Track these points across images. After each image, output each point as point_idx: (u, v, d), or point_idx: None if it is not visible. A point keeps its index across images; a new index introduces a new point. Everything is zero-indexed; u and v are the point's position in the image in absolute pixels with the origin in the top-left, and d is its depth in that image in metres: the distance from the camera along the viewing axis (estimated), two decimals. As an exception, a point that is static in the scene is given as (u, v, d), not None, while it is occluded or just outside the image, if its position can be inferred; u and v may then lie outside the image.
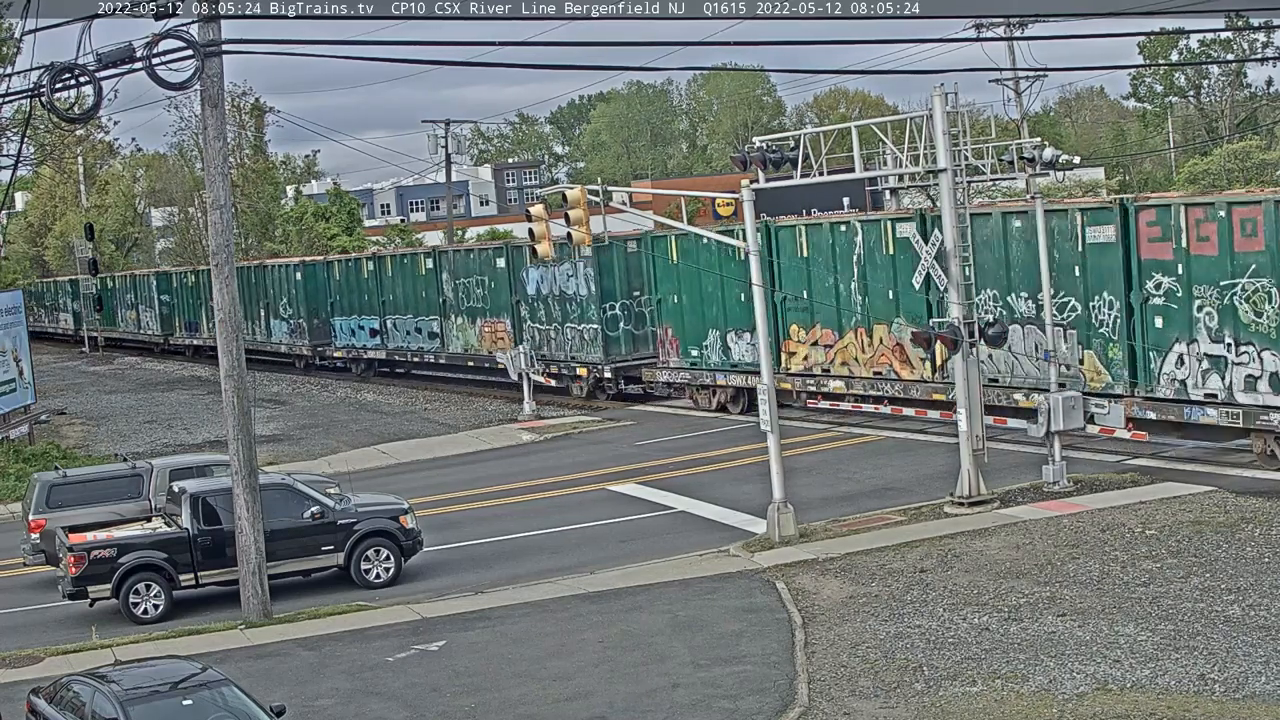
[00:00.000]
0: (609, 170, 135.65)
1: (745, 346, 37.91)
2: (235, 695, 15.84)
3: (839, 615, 20.77)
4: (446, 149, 77.48)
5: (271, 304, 63.78)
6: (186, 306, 73.72)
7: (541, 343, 45.79)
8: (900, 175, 27.96)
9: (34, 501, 27.35)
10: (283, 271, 62.89)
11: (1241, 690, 16.59)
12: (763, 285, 26.35)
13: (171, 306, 75.75)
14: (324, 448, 40.77)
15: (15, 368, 43.40)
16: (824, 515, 26.84)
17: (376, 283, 55.80)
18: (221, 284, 23.60)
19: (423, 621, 22.29)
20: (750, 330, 36.17)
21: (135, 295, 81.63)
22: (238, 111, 79.65)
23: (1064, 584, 21.21)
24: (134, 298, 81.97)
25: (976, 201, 37.19)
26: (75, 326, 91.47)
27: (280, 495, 24.91)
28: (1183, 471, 27.74)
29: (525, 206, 59.33)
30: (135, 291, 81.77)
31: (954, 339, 26.08)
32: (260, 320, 65.16)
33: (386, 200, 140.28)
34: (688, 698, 17.92)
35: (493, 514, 30.54)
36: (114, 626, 23.84)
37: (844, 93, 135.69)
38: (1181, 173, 76.15)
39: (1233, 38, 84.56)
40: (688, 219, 54.27)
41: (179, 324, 74.85)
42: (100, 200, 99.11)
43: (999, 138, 30.62)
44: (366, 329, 56.86)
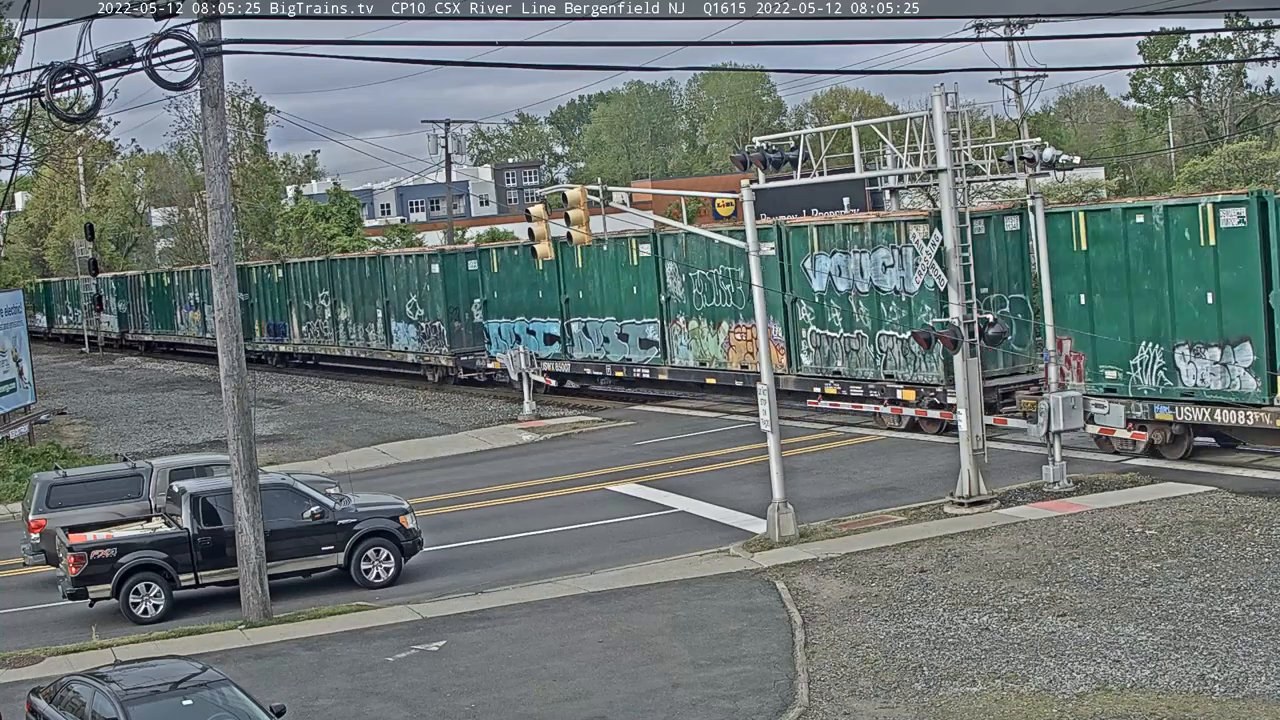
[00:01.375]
0: (609, 170, 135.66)
1: (1209, 367, 27.35)
2: (235, 695, 15.84)
3: (839, 615, 20.77)
4: (446, 149, 77.48)
5: (394, 303, 53.44)
6: (271, 306, 64.18)
7: (831, 355, 35.87)
8: (900, 175, 27.97)
9: (34, 501, 27.33)
10: (411, 263, 52.38)
11: (1241, 690, 16.59)
12: (762, 285, 26.33)
13: (249, 306, 64.24)
14: (324, 448, 40.77)
15: (15, 368, 43.39)
16: (824, 515, 26.84)
17: (557, 276, 45.18)
18: (221, 284, 23.60)
19: (423, 621, 22.29)
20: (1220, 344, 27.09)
21: (201, 293, 69.57)
22: (238, 111, 79.64)
23: (1064, 584, 21.21)
24: (199, 295, 70.13)
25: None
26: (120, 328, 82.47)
27: (280, 495, 24.91)
28: (1183, 471, 27.73)
29: (525, 206, 59.28)
30: (201, 288, 69.50)
31: (954, 339, 26.07)
32: (375, 323, 55.10)
33: (386, 200, 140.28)
34: (688, 698, 17.92)
35: (493, 514, 30.54)
36: (114, 626, 23.83)
37: (844, 93, 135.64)
38: (1181, 173, 76.18)
39: (1233, 38, 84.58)
40: (688, 219, 54.29)
41: (260, 326, 65.08)
42: (100, 200, 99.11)
43: (999, 138, 30.63)
44: (540, 334, 46.39)
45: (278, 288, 63.11)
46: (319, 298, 59.53)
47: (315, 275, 59.84)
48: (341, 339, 58.30)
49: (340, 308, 57.86)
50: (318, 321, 59.82)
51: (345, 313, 57.52)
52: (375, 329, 55.14)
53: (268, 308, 64.60)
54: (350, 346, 57.66)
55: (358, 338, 56.84)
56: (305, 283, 60.59)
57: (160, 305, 77.46)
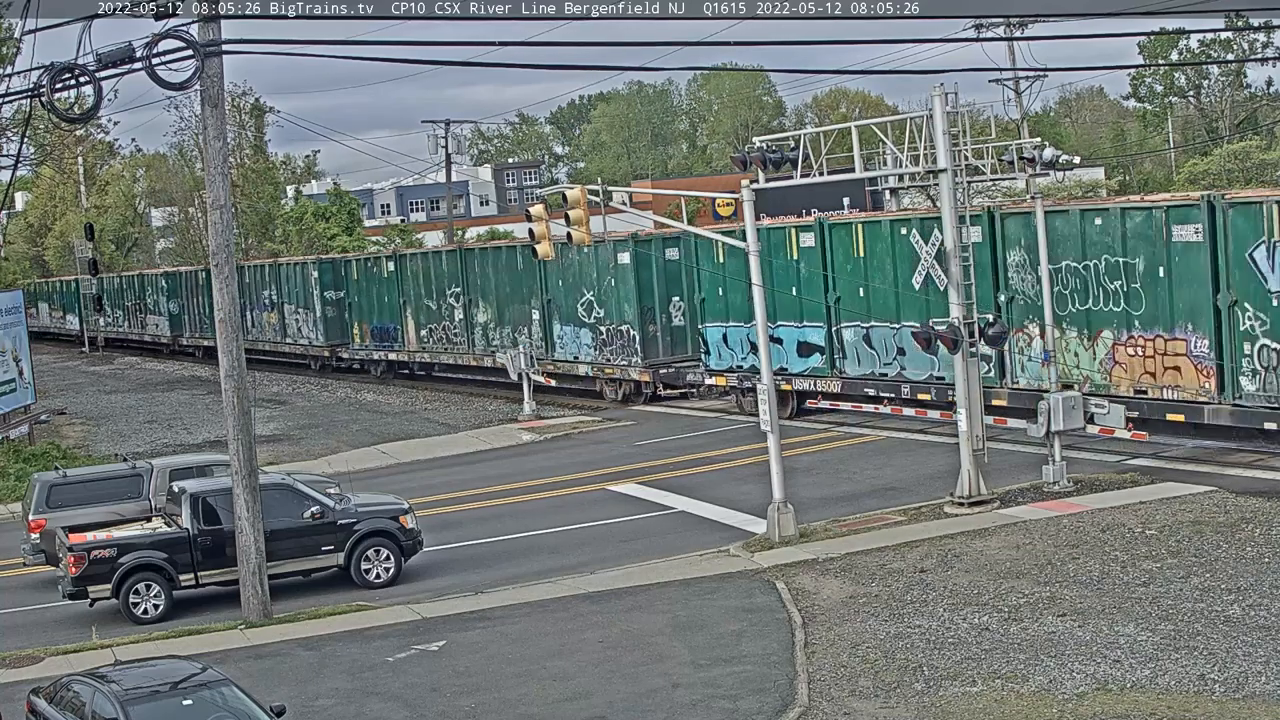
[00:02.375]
0: (609, 170, 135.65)
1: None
2: (235, 695, 15.84)
3: (839, 615, 20.77)
4: (446, 149, 77.47)
5: (558, 302, 44.93)
6: (377, 306, 55.38)
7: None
8: (900, 175, 27.96)
9: (34, 501, 27.34)
10: (587, 254, 42.19)
11: (1241, 690, 16.59)
12: (761, 285, 26.33)
13: (347, 305, 57.51)
14: (324, 448, 40.77)
15: (15, 368, 43.40)
16: (824, 515, 26.84)
17: (822, 266, 35.24)
18: (221, 284, 23.59)
19: (423, 621, 22.29)
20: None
21: (277, 291, 62.47)
22: (238, 111, 79.66)
23: (1064, 584, 21.20)
24: (276, 293, 62.59)
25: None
26: (171, 331, 73.98)
27: (280, 495, 24.91)
28: (1183, 471, 27.73)
29: (525, 206, 59.14)
30: (279, 285, 62.30)
31: (954, 339, 26.07)
32: (529, 326, 46.39)
33: (386, 200, 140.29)
34: (688, 698, 17.91)
35: (493, 514, 30.54)
36: (114, 626, 23.83)
37: (844, 93, 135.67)
38: (1181, 173, 76.18)
39: (1233, 38, 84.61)
40: (688, 219, 54.27)
41: (361, 330, 56.47)
42: (100, 200, 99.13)
43: (999, 138, 30.60)
44: (790, 343, 36.50)
45: (387, 284, 54.35)
46: (447, 296, 50.64)
47: (442, 269, 50.66)
48: (478, 345, 48.99)
49: (477, 308, 49.05)
50: (444, 325, 50.83)
51: (485, 313, 48.66)
52: (529, 333, 46.12)
53: (372, 308, 55.59)
54: (492, 355, 47.56)
55: (503, 344, 47.22)
56: (427, 278, 51.82)
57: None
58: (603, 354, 43.11)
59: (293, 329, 61.74)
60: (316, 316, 59.12)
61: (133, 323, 79.93)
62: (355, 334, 56.93)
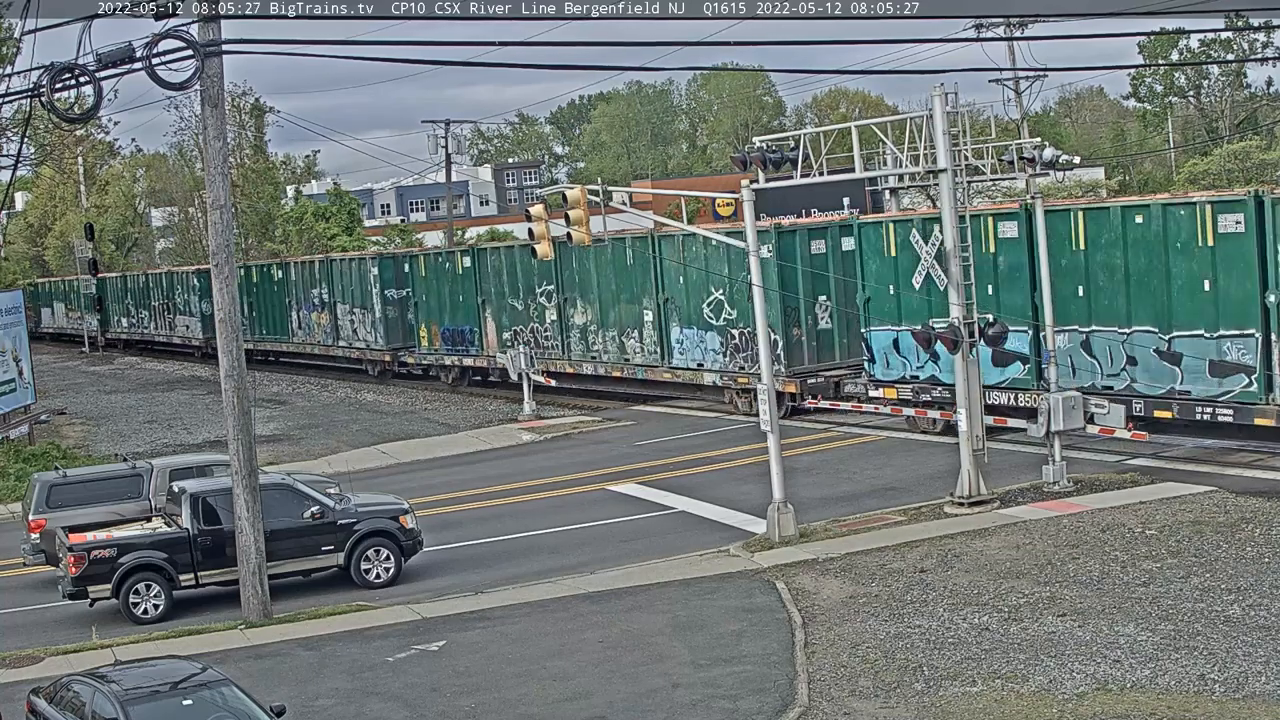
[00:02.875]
0: (609, 170, 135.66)
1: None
2: (235, 695, 15.84)
3: (839, 615, 20.77)
4: (446, 149, 77.50)
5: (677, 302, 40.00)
6: (444, 306, 50.03)
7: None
8: (900, 175, 27.97)
9: (34, 501, 27.34)
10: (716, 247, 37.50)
11: (1241, 690, 16.59)
12: (761, 285, 26.33)
13: (404, 305, 52.97)
14: (324, 448, 40.77)
15: (15, 368, 43.41)
16: (824, 515, 26.84)
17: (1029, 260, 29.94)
18: (221, 284, 23.58)
19: (423, 621, 22.29)
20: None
21: (329, 289, 57.58)
22: (238, 111, 79.70)
23: (1064, 584, 21.20)
24: (328, 292, 57.72)
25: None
26: (204, 333, 67.03)
27: (280, 495, 24.91)
28: (1183, 471, 27.73)
29: (525, 206, 59.02)
30: (331, 283, 57.29)
31: (954, 339, 26.07)
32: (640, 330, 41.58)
33: (386, 200, 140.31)
34: (688, 698, 17.91)
35: (493, 514, 30.54)
36: (114, 626, 23.83)
37: (844, 93, 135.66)
38: (1181, 173, 76.18)
39: (1233, 38, 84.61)
40: (688, 219, 54.26)
41: (430, 333, 51.15)
42: (100, 200, 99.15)
43: (999, 138, 30.63)
44: (985, 351, 29.11)
45: (461, 281, 49.11)
46: (537, 294, 45.69)
47: (530, 265, 45.06)
48: (575, 350, 44.29)
49: (574, 308, 44.25)
50: (532, 327, 45.92)
51: (584, 315, 43.87)
52: (640, 338, 41.71)
53: (443, 308, 50.21)
54: (593, 361, 43.70)
55: (606, 349, 43.14)
56: (511, 274, 47.00)
57: (267, 306, 63.29)
58: (734, 361, 37.96)
59: (347, 331, 56.57)
60: (375, 317, 54.06)
61: (160, 324, 74.79)
62: (422, 337, 51.56)
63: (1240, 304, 26.83)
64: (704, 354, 39.27)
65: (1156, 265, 28.27)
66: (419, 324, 51.74)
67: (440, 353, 50.64)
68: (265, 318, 63.43)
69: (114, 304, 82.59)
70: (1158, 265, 28.24)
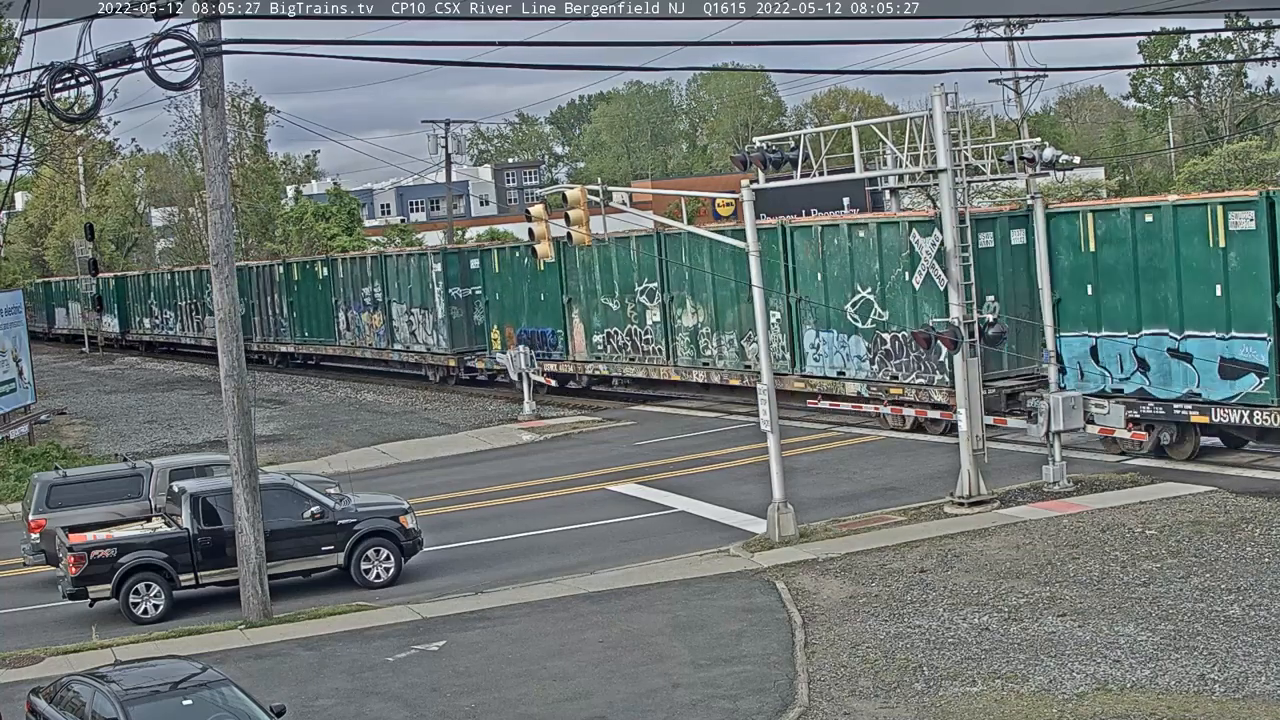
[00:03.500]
0: (609, 170, 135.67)
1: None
2: (235, 695, 15.84)
3: (839, 615, 20.77)
4: (446, 149, 77.48)
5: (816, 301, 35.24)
6: (521, 306, 46.00)
7: None
8: (900, 175, 27.97)
9: (34, 501, 27.34)
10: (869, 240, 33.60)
11: (1241, 690, 16.59)
12: (761, 286, 26.32)
13: (471, 305, 48.96)
14: (324, 448, 40.77)
15: (15, 368, 43.41)
16: (824, 515, 26.84)
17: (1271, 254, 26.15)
18: (221, 284, 23.58)
19: (423, 621, 22.29)
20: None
21: (383, 287, 52.89)
22: (238, 111, 79.63)
23: (1064, 584, 21.20)
24: (381, 291, 53.16)
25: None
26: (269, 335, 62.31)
27: (280, 495, 24.91)
28: (1183, 471, 27.72)
29: (525, 206, 58.90)
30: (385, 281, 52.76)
31: (954, 339, 26.06)
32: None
33: (386, 200, 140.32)
34: (688, 698, 17.91)
35: (493, 514, 30.54)
36: (114, 626, 23.83)
37: (844, 93, 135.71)
38: (1181, 173, 76.19)
39: (1233, 38, 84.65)
40: (688, 219, 54.26)
41: (498, 335, 47.01)
42: (100, 200, 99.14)
43: (999, 138, 30.62)
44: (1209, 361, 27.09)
45: (542, 279, 44.77)
46: (637, 293, 41.47)
47: (629, 260, 41.07)
48: (682, 355, 40.09)
49: (683, 308, 39.91)
50: (630, 329, 41.81)
51: (693, 315, 39.63)
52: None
53: (519, 308, 46.09)
54: (705, 368, 39.41)
55: (721, 354, 38.66)
56: (605, 271, 42.57)
57: (310, 306, 58.48)
58: (885, 369, 33.59)
59: (403, 333, 52.09)
60: (438, 318, 49.54)
61: (188, 325, 69.99)
62: (493, 339, 47.22)
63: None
64: (846, 361, 34.62)
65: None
66: (490, 325, 47.66)
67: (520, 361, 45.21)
68: (308, 319, 59.02)
69: (135, 304, 78.49)
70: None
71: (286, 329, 60.72)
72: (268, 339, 62.28)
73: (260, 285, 62.47)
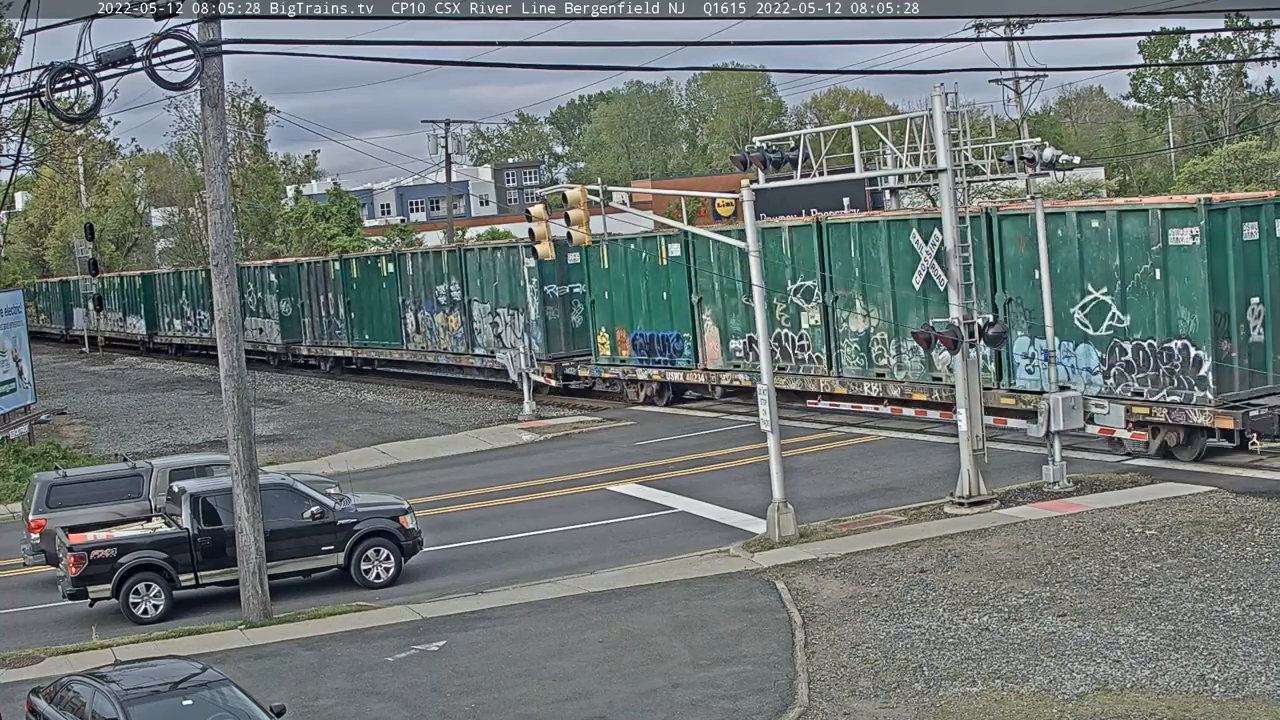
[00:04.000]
0: (609, 170, 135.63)
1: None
2: (235, 695, 15.84)
3: (839, 615, 20.77)
4: (446, 149, 77.48)
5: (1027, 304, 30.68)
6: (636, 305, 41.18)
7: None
8: (900, 175, 27.96)
9: (34, 501, 27.34)
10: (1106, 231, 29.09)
11: (1241, 690, 16.59)
12: (762, 285, 26.32)
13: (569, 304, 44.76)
14: (324, 448, 40.76)
15: (15, 368, 43.41)
16: (824, 515, 26.84)
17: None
18: (221, 284, 23.58)
19: (423, 621, 22.29)
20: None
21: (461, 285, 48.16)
22: (238, 111, 79.59)
23: (1064, 584, 21.20)
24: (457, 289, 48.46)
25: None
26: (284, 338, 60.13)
27: (280, 495, 24.91)
28: (1183, 471, 27.72)
29: (525, 206, 58.82)
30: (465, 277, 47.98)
31: (954, 339, 26.06)
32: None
33: (386, 200, 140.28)
34: (688, 698, 17.91)
35: (493, 514, 30.54)
36: (114, 626, 23.83)
37: (844, 93, 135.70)
38: (1181, 173, 76.17)
39: (1233, 38, 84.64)
40: (688, 219, 54.24)
41: (606, 339, 42.40)
42: (100, 200, 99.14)
43: (999, 138, 30.60)
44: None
45: (664, 275, 40.13)
46: (791, 292, 36.08)
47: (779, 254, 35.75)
48: (849, 365, 34.87)
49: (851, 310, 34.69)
50: (780, 334, 36.22)
51: (864, 319, 34.25)
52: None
53: (635, 308, 41.28)
54: (879, 380, 34.16)
55: (901, 364, 33.68)
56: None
57: (373, 306, 54.13)
58: (1123, 384, 28.91)
59: (486, 336, 47.46)
60: (531, 319, 44.87)
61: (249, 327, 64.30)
62: (600, 343, 42.74)
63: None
64: (1071, 373, 29.83)
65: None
66: (596, 328, 42.91)
67: (630, 364, 41.86)
68: (369, 320, 54.34)
69: (164, 304, 73.56)
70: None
71: (343, 331, 56.41)
72: (319, 342, 58.39)
73: (312, 283, 58.28)
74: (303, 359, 59.76)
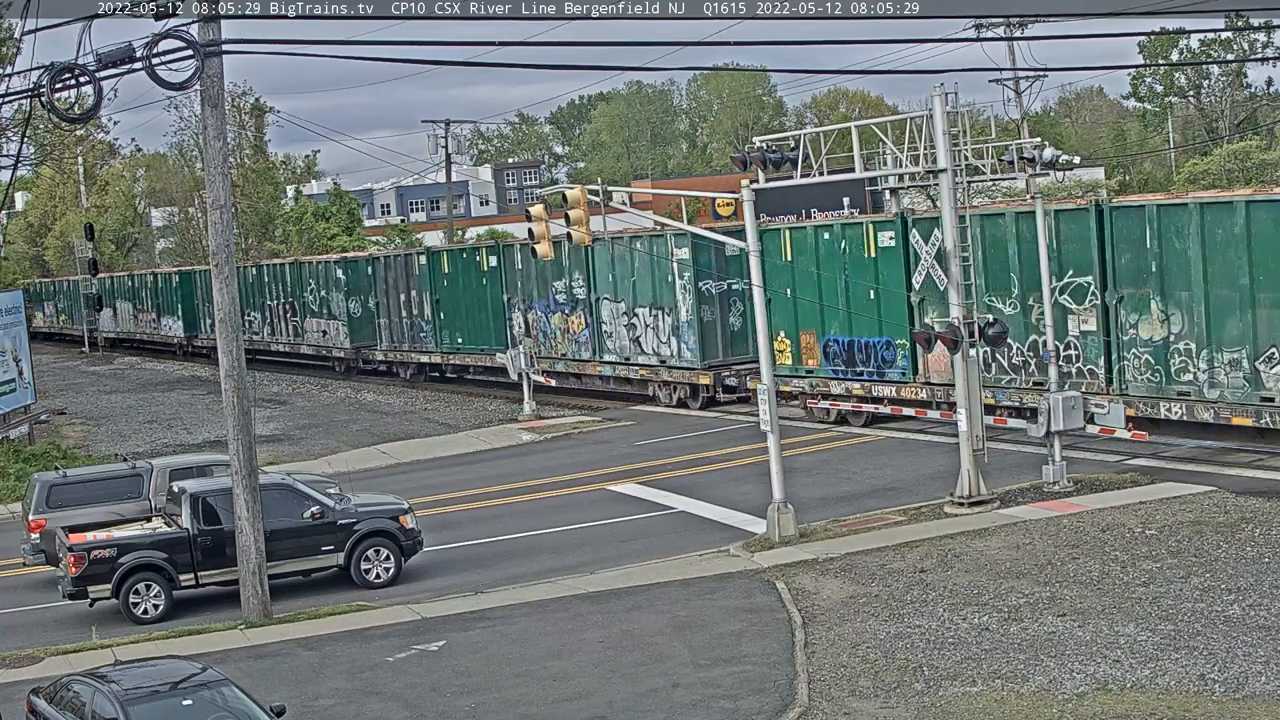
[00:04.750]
0: (609, 170, 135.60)
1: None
2: (235, 695, 15.84)
3: (839, 615, 20.77)
4: (446, 149, 77.48)
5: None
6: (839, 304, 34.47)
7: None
8: (900, 175, 27.97)
9: (34, 501, 27.34)
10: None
11: (1241, 690, 16.59)
12: (762, 285, 26.32)
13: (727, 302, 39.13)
14: (324, 448, 40.76)
15: (15, 368, 43.41)
16: (824, 515, 26.83)
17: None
18: (221, 284, 23.58)
19: (423, 621, 22.29)
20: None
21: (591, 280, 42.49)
22: (238, 111, 79.65)
23: (1064, 584, 21.20)
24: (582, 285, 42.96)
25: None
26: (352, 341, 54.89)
27: (280, 495, 24.91)
28: (1183, 471, 27.73)
29: (525, 206, 58.76)
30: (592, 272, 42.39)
31: (954, 339, 26.06)
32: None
33: (386, 200, 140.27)
34: (688, 698, 17.91)
35: (493, 514, 30.54)
36: (114, 626, 23.83)
37: (844, 93, 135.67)
38: (1181, 173, 76.18)
39: (1233, 38, 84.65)
40: (688, 219, 54.22)
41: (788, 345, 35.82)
42: (100, 200, 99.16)
43: (999, 138, 30.61)
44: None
45: (869, 268, 33.66)
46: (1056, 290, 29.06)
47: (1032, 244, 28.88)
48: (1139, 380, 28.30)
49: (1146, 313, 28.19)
50: (1034, 342, 30.16)
51: (1159, 324, 27.86)
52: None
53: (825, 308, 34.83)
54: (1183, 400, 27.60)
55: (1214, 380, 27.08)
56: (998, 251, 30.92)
57: (467, 305, 48.12)
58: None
59: (620, 340, 41.72)
60: (681, 321, 39.13)
61: (279, 330, 60.05)
62: (777, 350, 35.26)
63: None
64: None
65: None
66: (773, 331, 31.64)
67: (818, 375, 35.46)
68: (463, 321, 48.44)
69: (205, 304, 65.01)
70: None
71: (429, 334, 50.14)
72: (399, 346, 52.39)
73: (390, 281, 52.48)
74: (380, 365, 54.07)
